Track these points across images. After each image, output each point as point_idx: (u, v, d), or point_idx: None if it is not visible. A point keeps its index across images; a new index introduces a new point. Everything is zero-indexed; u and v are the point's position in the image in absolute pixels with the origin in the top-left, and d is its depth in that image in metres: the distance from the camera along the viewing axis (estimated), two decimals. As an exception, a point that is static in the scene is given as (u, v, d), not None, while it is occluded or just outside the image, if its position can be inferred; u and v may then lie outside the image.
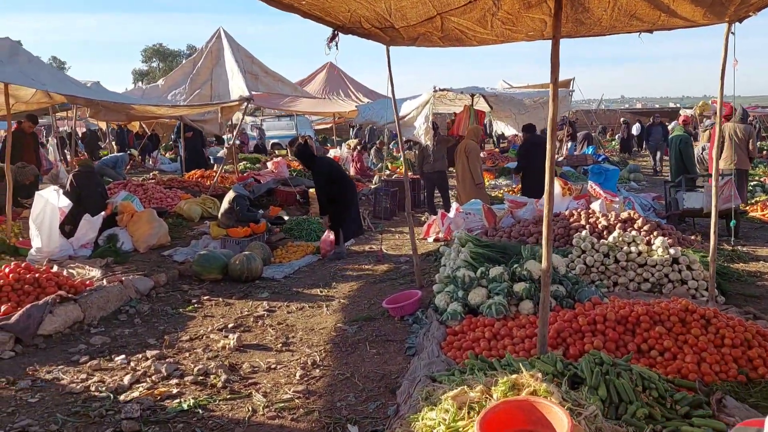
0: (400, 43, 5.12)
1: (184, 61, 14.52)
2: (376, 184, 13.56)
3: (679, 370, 3.75)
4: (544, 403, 2.54)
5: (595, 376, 3.10)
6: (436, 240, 9.05)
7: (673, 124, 26.75)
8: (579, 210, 7.78)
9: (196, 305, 6.04)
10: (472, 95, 10.92)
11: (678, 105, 50.72)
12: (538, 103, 11.05)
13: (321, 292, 6.48)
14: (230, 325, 5.37)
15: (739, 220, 8.87)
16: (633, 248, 5.61)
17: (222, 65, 12.00)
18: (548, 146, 3.60)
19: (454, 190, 11.38)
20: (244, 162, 16.46)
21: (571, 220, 7.56)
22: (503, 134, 17.73)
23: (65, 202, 6.92)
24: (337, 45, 4.50)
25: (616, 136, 27.13)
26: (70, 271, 6.50)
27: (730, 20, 5.01)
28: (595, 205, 8.49)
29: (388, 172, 16.90)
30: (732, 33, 5.12)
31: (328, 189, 8.02)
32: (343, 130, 30.52)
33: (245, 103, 10.65)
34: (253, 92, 11.07)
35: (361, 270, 7.40)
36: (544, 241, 3.70)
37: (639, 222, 7.17)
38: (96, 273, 6.44)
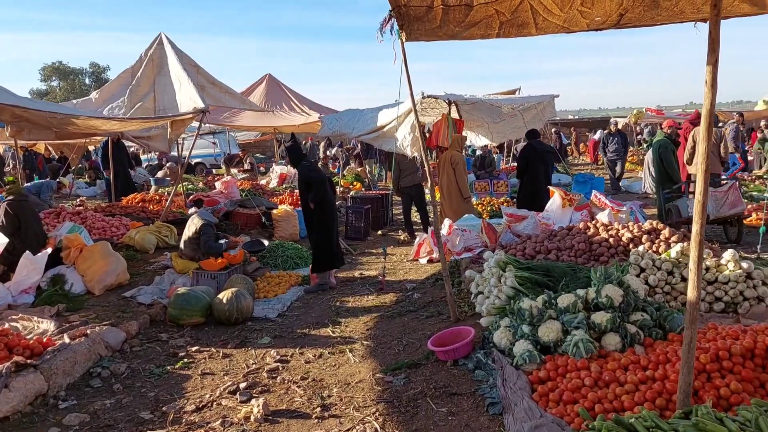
0: (443, 35, 4.33)
1: (87, 80, 13.04)
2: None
3: None
4: None
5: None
6: (430, 261, 8.26)
7: (647, 130, 27.54)
8: (595, 222, 7.22)
9: (185, 360, 4.93)
10: (449, 103, 10.27)
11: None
12: (516, 111, 10.56)
13: (333, 332, 5.52)
14: (242, 385, 4.32)
15: (742, 227, 8.64)
16: (699, 264, 5.02)
17: (166, 74, 10.77)
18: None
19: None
20: (186, 183, 15.08)
21: (589, 233, 6.99)
22: (472, 146, 17.23)
23: (-2, 239, 5.61)
24: (392, 30, 3.65)
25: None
26: (13, 324, 5.21)
27: None
28: (602, 216, 7.99)
29: (341, 188, 16.04)
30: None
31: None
32: (267, 147, 29.34)
33: (200, 116, 9.46)
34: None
35: (364, 302, 6.49)
36: (692, 264, 2.97)
37: (665, 232, 6.68)
38: (48, 326, 5.20)
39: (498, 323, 4.59)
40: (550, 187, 8.53)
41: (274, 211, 10.57)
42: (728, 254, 5.04)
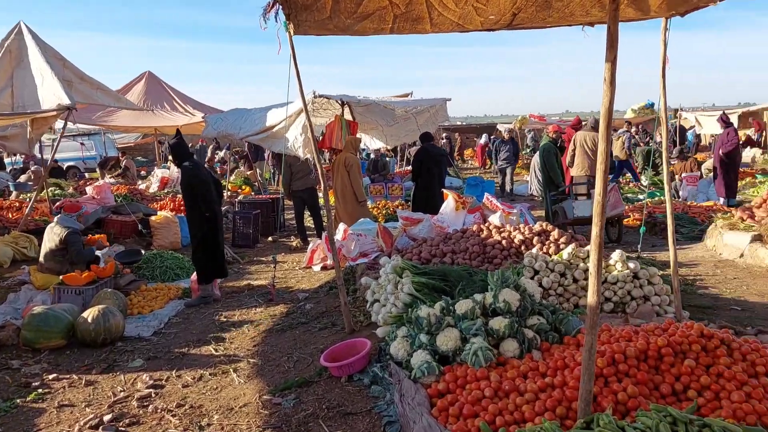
0: (334, 28, 4.04)
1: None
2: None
3: (734, 413, 3.16)
4: None
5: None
6: (324, 268, 7.95)
7: (531, 136, 28.65)
8: (488, 225, 7.24)
9: (40, 390, 4.29)
10: (343, 104, 10.01)
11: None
12: (410, 113, 10.50)
13: (216, 350, 5.05)
14: (107, 418, 3.79)
15: (622, 227, 9.07)
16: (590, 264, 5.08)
17: (26, 67, 9.66)
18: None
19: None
20: (53, 188, 13.72)
21: (483, 235, 6.99)
22: (366, 149, 17.04)
23: None
24: (276, 17, 3.30)
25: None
26: None
27: (669, 15, 4.77)
28: (494, 218, 8.08)
29: (228, 192, 15.33)
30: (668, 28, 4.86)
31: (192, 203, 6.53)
32: (150, 149, 27.79)
33: (66, 114, 8.54)
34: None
35: (252, 314, 6.06)
36: (592, 268, 2.88)
37: (554, 234, 6.81)
38: None
39: (395, 333, 4.36)
40: (444, 190, 8.51)
41: (153, 218, 9.80)
42: (616, 255, 5.14)
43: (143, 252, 8.17)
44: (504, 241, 6.71)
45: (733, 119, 17.26)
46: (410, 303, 4.68)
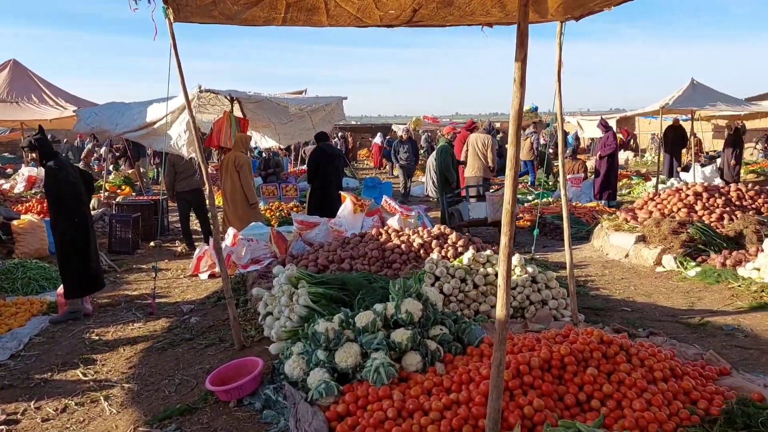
0: (219, 15, 3.64)
1: None
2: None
3: (636, 423, 3.14)
4: None
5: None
6: (212, 276, 7.43)
7: (425, 137, 28.84)
8: (387, 228, 7.07)
9: None
10: (232, 100, 9.46)
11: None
12: (305, 111, 10.12)
13: (85, 374, 4.48)
14: (-59, 469, 3.17)
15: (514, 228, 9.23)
16: (489, 269, 5.03)
17: None
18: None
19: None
20: None
21: (381, 239, 6.81)
22: (257, 147, 16.39)
23: None
24: (150, -4, 2.87)
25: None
26: None
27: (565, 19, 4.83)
28: (393, 221, 7.94)
29: (106, 193, 14.20)
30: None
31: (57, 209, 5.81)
32: (17, 146, 25.38)
33: None
34: None
35: (129, 331, 5.48)
36: (501, 279, 2.72)
37: (452, 237, 6.77)
38: None
39: (290, 350, 4.04)
40: (342, 192, 8.25)
41: (15, 222, 8.77)
42: (515, 259, 5.12)
43: (3, 262, 7.25)
44: (403, 246, 6.57)
45: (612, 124, 18.34)
46: (307, 316, 4.38)
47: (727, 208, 7.86)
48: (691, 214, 7.85)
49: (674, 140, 17.27)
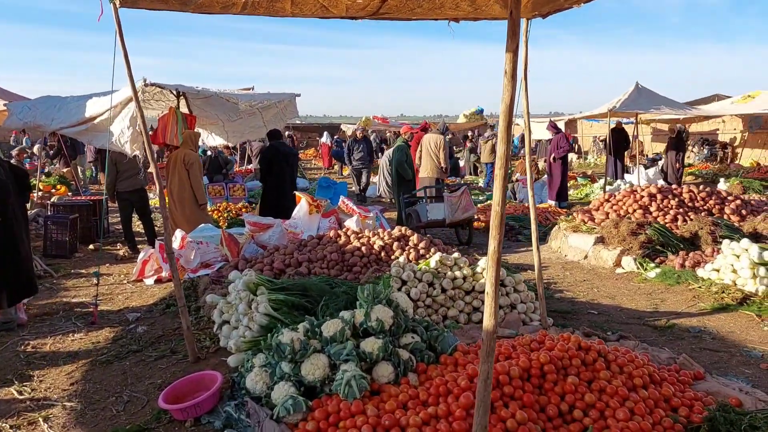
0: (173, 0, 3.34)
1: None
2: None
3: (622, 433, 3.04)
4: None
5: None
6: (159, 281, 7.03)
7: (373, 137, 28.59)
8: (346, 230, 6.85)
9: None
10: (178, 95, 9.02)
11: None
12: (255, 108, 9.76)
13: (20, 392, 4.06)
14: None
15: (472, 230, 9.18)
16: (458, 273, 4.88)
17: None
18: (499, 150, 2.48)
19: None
20: None
21: (340, 242, 6.59)
22: (203, 146, 15.77)
23: None
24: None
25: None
26: None
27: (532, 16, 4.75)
28: (351, 223, 7.74)
29: (40, 193, 13.39)
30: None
31: None
32: None
33: None
34: None
35: (69, 343, 5.06)
36: (489, 286, 2.54)
37: (414, 239, 6.62)
38: None
39: (251, 362, 3.77)
40: (297, 193, 7.97)
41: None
42: (482, 262, 4.99)
43: None
44: (363, 248, 6.37)
45: (561, 126, 18.66)
46: (268, 325, 4.11)
47: (681, 210, 8.00)
48: (646, 215, 7.95)
49: (617, 143, 17.70)
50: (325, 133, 28.74)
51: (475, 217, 9.27)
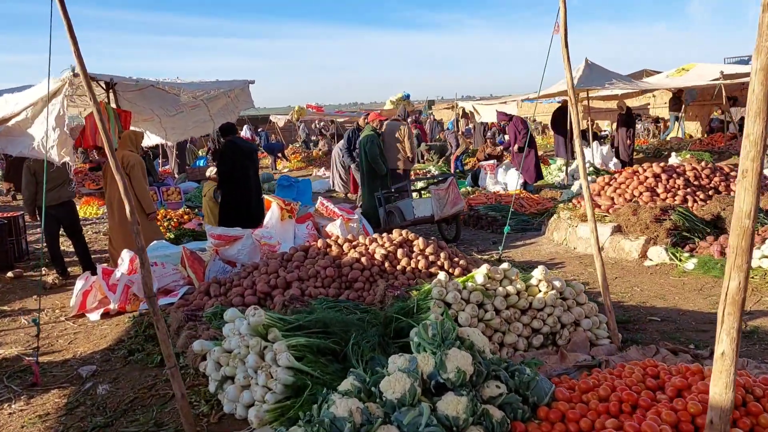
0: None
1: None
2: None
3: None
4: None
5: None
6: (108, 315, 5.81)
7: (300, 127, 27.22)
8: (336, 238, 5.87)
9: None
10: (108, 87, 7.67)
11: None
12: (200, 100, 8.52)
13: None
14: None
15: (460, 225, 8.39)
16: (510, 288, 4.01)
17: None
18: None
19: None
20: None
21: (332, 253, 5.61)
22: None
23: None
24: None
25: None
26: None
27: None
28: (334, 228, 6.77)
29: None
30: None
31: None
32: None
33: None
34: None
35: (6, 419, 3.85)
36: (725, 345, 1.69)
37: (419, 243, 5.74)
38: None
39: (287, 443, 2.76)
40: (266, 196, 6.88)
41: None
42: (538, 272, 4.14)
43: None
44: (363, 259, 5.42)
45: (511, 108, 18.21)
46: (295, 382, 3.12)
47: (688, 189, 7.49)
48: (654, 197, 7.39)
49: (563, 122, 17.42)
50: (245, 126, 27.06)
51: (464, 210, 8.46)
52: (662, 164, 8.36)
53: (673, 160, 15.81)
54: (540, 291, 4.06)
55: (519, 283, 4.06)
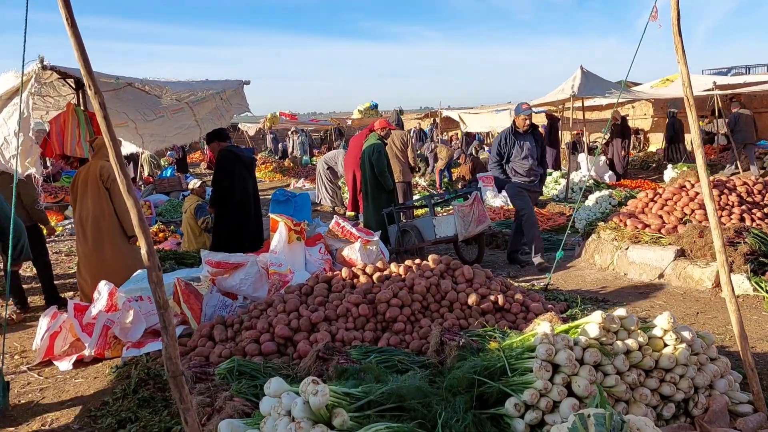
0: None
1: None
2: None
3: None
4: None
5: None
6: (81, 363, 4.75)
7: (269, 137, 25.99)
8: (363, 267, 4.94)
9: None
10: (78, 86, 6.59)
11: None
12: (184, 102, 7.47)
13: None
14: None
15: (483, 245, 7.52)
16: (630, 342, 3.12)
17: None
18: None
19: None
20: None
21: (361, 285, 4.68)
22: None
23: None
24: None
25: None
26: None
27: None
28: (352, 252, 5.84)
29: None
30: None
31: None
32: None
33: None
34: None
35: None
36: None
37: (465, 272, 4.85)
38: None
39: None
40: (272, 215, 5.88)
41: None
42: (663, 320, 3.26)
43: None
44: (402, 292, 4.49)
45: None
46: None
47: (743, 206, 6.78)
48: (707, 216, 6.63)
49: (550, 132, 16.90)
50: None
51: (490, 228, 7.60)
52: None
53: (669, 173, 15.34)
54: (667, 345, 3.19)
55: (640, 336, 3.17)
